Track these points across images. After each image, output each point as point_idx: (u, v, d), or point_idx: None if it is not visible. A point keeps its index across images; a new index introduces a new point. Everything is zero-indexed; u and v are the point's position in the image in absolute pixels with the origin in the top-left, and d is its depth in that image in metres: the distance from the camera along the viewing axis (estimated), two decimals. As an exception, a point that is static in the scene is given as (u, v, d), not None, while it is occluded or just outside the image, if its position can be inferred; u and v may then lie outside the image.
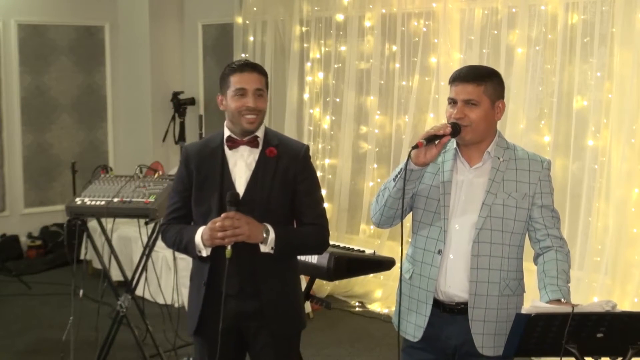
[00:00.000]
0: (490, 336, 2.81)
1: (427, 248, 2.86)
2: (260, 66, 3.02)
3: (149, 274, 5.11)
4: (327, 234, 3.09)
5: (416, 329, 2.89)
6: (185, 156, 3.06)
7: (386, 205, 2.86)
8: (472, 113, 2.77)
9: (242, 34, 7.27)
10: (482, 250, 2.80)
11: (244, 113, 2.92)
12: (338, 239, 6.16)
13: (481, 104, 2.79)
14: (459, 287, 2.82)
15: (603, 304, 2.56)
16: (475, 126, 2.79)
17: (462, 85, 2.79)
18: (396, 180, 2.79)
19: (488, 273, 2.81)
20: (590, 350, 2.61)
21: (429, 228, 2.86)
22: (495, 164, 2.84)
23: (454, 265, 2.82)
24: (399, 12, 6.13)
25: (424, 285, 2.86)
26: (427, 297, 2.85)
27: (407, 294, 2.92)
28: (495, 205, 2.80)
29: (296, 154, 3.03)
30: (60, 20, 7.79)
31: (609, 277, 4.92)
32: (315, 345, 5.31)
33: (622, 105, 4.88)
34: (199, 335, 3.05)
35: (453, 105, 2.81)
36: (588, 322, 2.55)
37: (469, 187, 2.84)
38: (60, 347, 4.85)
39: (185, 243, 2.97)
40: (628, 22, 4.83)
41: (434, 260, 2.83)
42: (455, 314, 2.84)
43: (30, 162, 7.75)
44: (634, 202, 4.89)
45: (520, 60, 5.34)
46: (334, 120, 6.68)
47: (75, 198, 4.56)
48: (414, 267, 2.91)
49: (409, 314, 2.92)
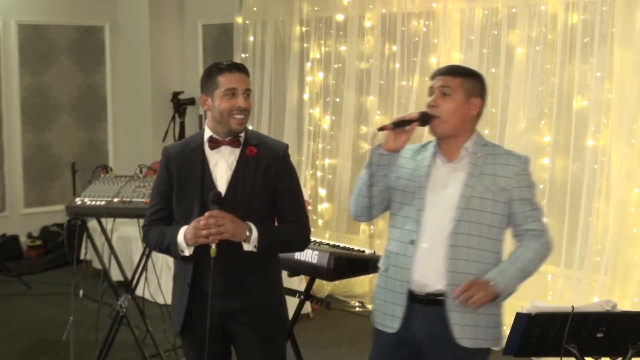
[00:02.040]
0: (470, 327, 2.82)
1: (401, 239, 2.91)
2: (246, 67, 3.04)
3: (149, 274, 5.11)
4: (309, 231, 3.12)
5: (393, 319, 2.91)
6: (166, 157, 3.07)
7: (359, 194, 2.91)
8: (445, 103, 2.84)
9: (242, 34, 7.27)
10: (460, 241, 2.82)
11: (234, 113, 2.93)
12: (338, 239, 6.17)
13: (455, 95, 2.84)
14: (434, 277, 2.84)
15: (603, 304, 2.56)
16: (445, 118, 2.84)
17: (441, 76, 2.89)
18: (368, 166, 2.85)
19: (466, 264, 2.82)
20: (590, 350, 2.62)
21: (404, 220, 2.91)
22: (473, 159, 2.88)
23: (427, 255, 2.85)
24: (399, 12, 6.12)
25: (398, 276, 2.89)
26: (401, 287, 2.88)
27: (384, 286, 2.96)
28: (473, 198, 2.83)
29: (276, 153, 3.05)
30: (60, 20, 7.79)
31: (609, 277, 4.92)
32: (315, 345, 5.31)
33: (622, 105, 4.88)
34: (185, 335, 3.07)
35: (429, 94, 2.90)
36: (588, 322, 2.55)
37: (447, 181, 2.89)
38: (60, 347, 4.86)
39: (167, 243, 2.99)
40: (628, 22, 4.83)
41: (406, 250, 2.87)
42: (426, 305, 2.86)
43: (30, 162, 7.75)
44: (634, 202, 4.89)
45: (520, 60, 5.34)
46: (334, 120, 6.68)
47: (75, 198, 4.55)
48: (389, 259, 2.95)
49: (386, 306, 2.94)
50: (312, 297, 4.16)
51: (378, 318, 2.99)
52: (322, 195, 6.77)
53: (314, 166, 6.85)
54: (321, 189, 6.77)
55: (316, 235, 5.77)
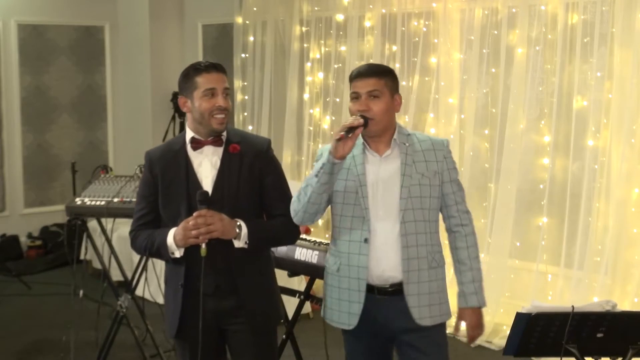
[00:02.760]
0: (426, 307, 2.97)
1: (352, 239, 2.98)
2: (223, 67, 3.04)
3: (149, 274, 5.11)
4: (298, 225, 3.13)
5: (350, 316, 3.01)
6: (149, 161, 3.08)
7: (309, 202, 2.94)
8: (375, 105, 2.93)
9: (242, 34, 7.27)
10: (408, 229, 2.95)
11: (215, 113, 2.94)
12: (338, 239, 6.16)
13: (383, 96, 2.95)
14: (392, 268, 2.95)
15: (603, 304, 2.57)
16: (379, 118, 2.94)
17: (364, 80, 2.96)
18: (319, 176, 2.89)
19: (417, 250, 2.96)
20: (590, 350, 2.62)
21: (351, 220, 2.98)
22: (402, 150, 3.00)
23: (383, 249, 2.95)
24: (399, 12, 6.12)
25: (354, 274, 2.97)
26: (359, 284, 2.97)
27: (337, 285, 3.05)
28: (413, 186, 2.96)
29: (259, 149, 3.06)
30: (60, 20, 7.79)
31: (609, 277, 4.92)
32: (315, 345, 5.30)
33: (622, 105, 4.88)
34: (180, 338, 3.07)
35: (355, 100, 2.96)
36: (588, 322, 2.55)
37: (383, 175, 2.99)
38: (60, 347, 4.86)
39: (157, 246, 2.98)
40: (628, 22, 4.84)
41: (362, 249, 2.95)
42: (391, 295, 2.97)
43: (30, 162, 7.75)
44: (634, 202, 4.89)
45: (520, 60, 5.34)
46: (334, 120, 6.68)
47: (75, 198, 4.56)
48: (340, 259, 3.02)
49: (341, 304, 3.04)
50: (312, 297, 4.16)
51: (334, 316, 3.10)
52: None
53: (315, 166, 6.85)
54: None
55: (316, 235, 5.77)
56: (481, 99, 5.69)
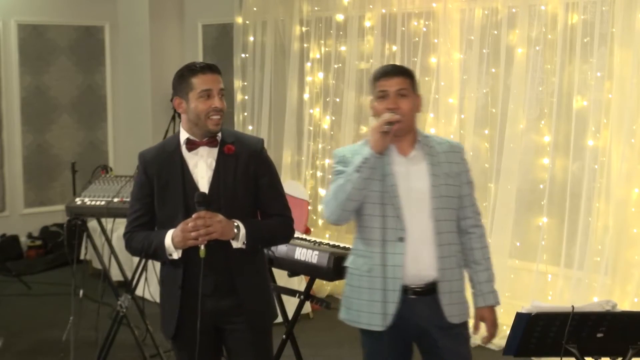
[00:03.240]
0: (455, 305, 3.03)
1: (385, 238, 2.96)
2: (218, 67, 3.04)
3: (149, 274, 5.11)
4: (293, 223, 3.15)
5: (385, 317, 2.97)
6: (143, 162, 3.07)
7: (348, 199, 2.93)
8: (404, 104, 2.98)
9: (242, 34, 7.26)
10: (441, 228, 3.00)
11: (211, 114, 2.94)
12: (338, 239, 6.15)
13: (409, 95, 3.01)
14: (427, 267, 2.98)
15: (603, 304, 2.57)
16: (407, 117, 2.99)
17: (392, 78, 3.00)
18: (361, 170, 2.89)
19: (448, 248, 3.02)
20: (590, 350, 2.62)
21: (383, 219, 2.96)
22: (426, 150, 3.05)
23: (418, 248, 2.97)
24: (399, 12, 6.12)
25: (390, 274, 2.96)
26: (394, 284, 2.96)
27: (367, 287, 3.01)
28: (441, 186, 3.01)
29: (254, 149, 3.06)
30: (60, 20, 7.79)
31: (609, 277, 4.92)
32: (315, 345, 5.31)
33: (622, 105, 4.88)
34: (177, 339, 3.07)
35: (382, 99, 2.99)
36: (588, 322, 2.55)
37: (410, 176, 3.01)
38: (60, 347, 4.86)
39: (154, 248, 2.98)
40: (628, 22, 4.83)
41: (397, 248, 2.95)
42: (422, 295, 2.99)
43: (30, 162, 7.75)
44: (634, 202, 4.89)
45: (520, 60, 5.34)
46: (334, 120, 6.68)
47: (75, 198, 4.56)
48: (372, 259, 3.00)
49: (372, 305, 2.99)
50: (312, 297, 4.16)
51: (363, 319, 3.04)
52: (322, 195, 6.76)
53: (314, 166, 6.85)
54: (321, 189, 6.77)
55: (316, 235, 5.77)
56: (481, 99, 5.69)
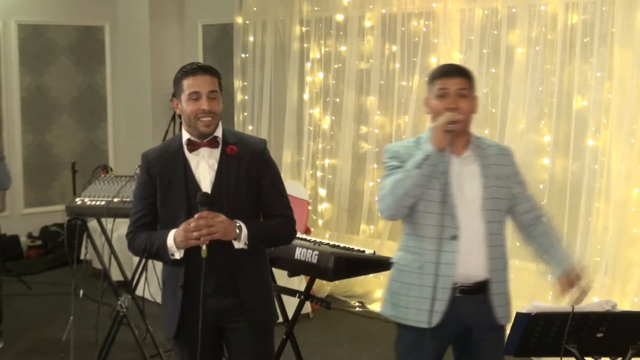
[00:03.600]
0: (504, 307, 3.05)
1: (438, 236, 2.96)
2: (213, 68, 3.04)
3: (149, 274, 5.11)
4: (295, 224, 3.15)
5: (433, 314, 2.97)
6: (146, 163, 3.08)
7: (407, 194, 2.94)
8: (464, 104, 2.98)
9: (242, 34, 7.26)
10: (491, 229, 3.00)
11: (199, 116, 2.95)
12: (338, 239, 6.16)
13: (469, 96, 3.01)
14: (478, 267, 2.99)
15: (603, 304, 2.57)
16: (466, 117, 2.99)
17: (454, 78, 3.00)
18: (422, 167, 2.90)
19: (498, 249, 3.03)
20: (590, 350, 2.62)
21: (437, 216, 2.97)
22: (477, 152, 3.06)
23: (470, 248, 2.98)
24: (399, 12, 6.13)
25: (441, 271, 2.96)
26: (445, 282, 2.96)
27: (417, 283, 3.01)
28: (492, 187, 3.02)
29: (256, 149, 3.07)
30: (60, 20, 7.79)
31: (609, 277, 4.92)
32: (315, 345, 5.31)
33: (622, 105, 4.88)
34: (178, 339, 3.08)
35: (442, 98, 2.98)
36: (588, 322, 2.55)
37: (463, 176, 3.02)
38: (60, 347, 4.86)
39: (156, 248, 2.99)
40: (628, 22, 4.84)
41: (450, 246, 2.96)
42: (470, 294, 2.99)
43: (30, 162, 7.75)
44: (634, 202, 4.89)
45: (520, 60, 5.34)
46: (334, 120, 6.68)
47: (75, 198, 4.55)
48: (422, 256, 3.01)
49: (421, 302, 3.00)
50: (312, 297, 4.16)
51: (411, 315, 3.04)
52: (322, 195, 6.77)
53: (314, 166, 6.86)
54: (321, 189, 6.77)
55: (316, 235, 5.77)
56: (481, 99, 5.65)
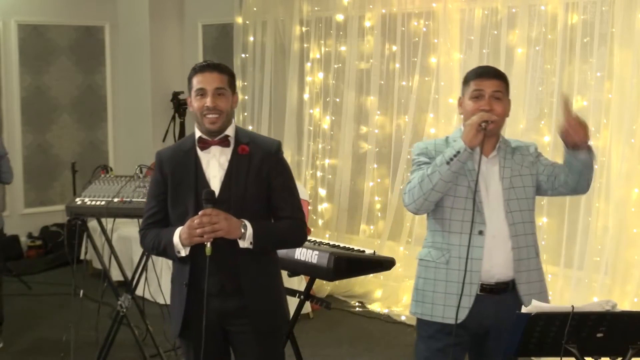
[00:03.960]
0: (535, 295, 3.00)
1: (464, 231, 3.01)
2: (223, 66, 3.04)
3: (149, 274, 5.11)
4: (305, 227, 3.14)
5: (460, 310, 2.98)
6: (159, 161, 3.09)
7: (434, 189, 2.98)
8: (498, 106, 3.03)
9: (242, 34, 7.27)
10: (517, 230, 3.03)
11: (205, 113, 2.96)
12: (338, 239, 6.17)
13: (504, 98, 3.06)
14: (501, 265, 3.01)
15: (603, 304, 2.56)
16: (500, 119, 3.05)
17: (490, 80, 3.05)
18: (452, 163, 2.94)
19: (525, 250, 3.05)
20: (590, 350, 2.61)
21: (463, 212, 3.03)
22: (502, 154, 3.13)
23: (495, 245, 3.01)
24: (399, 12, 6.13)
25: (469, 266, 2.98)
26: (472, 277, 2.99)
27: (444, 279, 3.05)
28: (513, 177, 3.07)
29: (268, 150, 3.05)
30: (60, 20, 7.79)
31: (609, 277, 4.92)
32: (315, 345, 5.31)
33: (622, 105, 4.88)
34: (184, 337, 3.08)
35: (477, 99, 3.03)
36: (588, 322, 2.55)
37: (489, 175, 3.08)
38: (60, 347, 4.85)
39: (163, 245, 3.00)
40: (628, 22, 4.84)
41: (476, 241, 2.99)
42: (491, 294, 3.01)
43: (30, 162, 7.75)
44: (634, 202, 4.89)
45: (520, 60, 5.34)
46: (334, 120, 6.68)
47: (75, 198, 4.55)
48: (449, 252, 3.05)
49: (448, 298, 3.02)
50: (312, 297, 4.15)
51: (437, 311, 3.06)
52: (322, 195, 6.77)
53: (314, 166, 6.86)
54: (321, 189, 6.77)
55: (316, 235, 5.78)
56: (481, 99, 5.68)
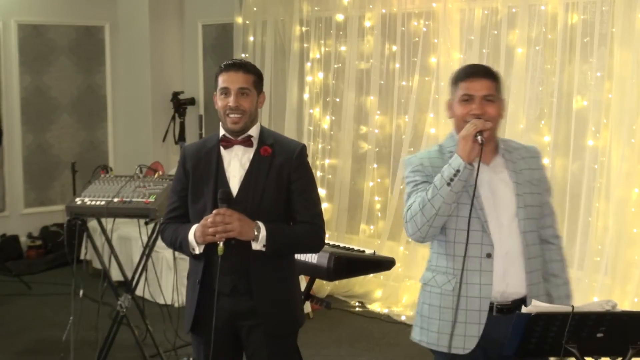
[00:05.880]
0: None
1: (470, 254, 2.78)
2: (250, 65, 3.04)
3: (149, 274, 5.11)
4: (323, 234, 3.07)
5: (467, 340, 2.79)
6: (183, 156, 3.10)
7: (438, 214, 2.73)
8: (491, 109, 2.78)
9: (242, 34, 7.26)
10: (529, 240, 2.83)
11: (227, 113, 2.95)
12: (338, 239, 6.16)
13: (497, 100, 2.81)
14: (516, 283, 2.82)
15: (603, 304, 2.56)
16: (494, 122, 2.80)
17: (479, 81, 2.79)
18: (452, 184, 2.70)
19: (536, 261, 2.87)
20: (590, 350, 2.61)
21: (470, 234, 2.77)
22: (507, 157, 2.88)
23: (507, 264, 2.80)
24: (399, 12, 6.13)
25: (475, 293, 2.78)
26: (481, 304, 2.79)
27: (451, 306, 2.81)
28: (525, 194, 2.84)
29: (291, 153, 3.02)
30: (60, 20, 7.79)
31: (609, 277, 4.92)
32: (315, 345, 5.31)
33: (622, 105, 4.88)
34: (195, 334, 3.07)
35: (466, 102, 2.79)
36: (588, 322, 2.55)
37: (493, 184, 2.84)
38: (60, 347, 4.86)
39: (180, 241, 3.00)
40: (628, 22, 4.84)
41: (484, 265, 2.78)
42: (507, 313, 2.79)
43: (30, 162, 7.75)
44: (634, 202, 4.89)
45: (520, 60, 5.34)
46: (334, 120, 6.68)
47: (75, 198, 4.55)
48: (455, 277, 2.81)
49: (456, 327, 2.79)
50: (312, 297, 4.15)
51: (444, 341, 2.81)
52: (322, 195, 6.77)
53: (314, 166, 6.85)
54: (321, 189, 6.77)
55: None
56: (481, 99, 5.68)
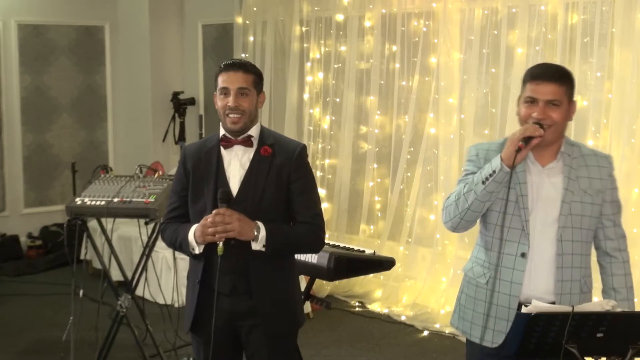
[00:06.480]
0: None
1: (506, 252, 2.82)
2: (250, 65, 3.03)
3: (149, 274, 5.11)
4: (323, 234, 3.07)
5: (497, 334, 2.84)
6: (184, 156, 3.10)
7: (470, 209, 2.78)
8: (554, 113, 2.74)
9: (242, 34, 7.27)
10: (565, 248, 2.81)
11: (227, 112, 2.95)
12: (338, 239, 6.17)
13: (562, 104, 2.76)
14: (543, 289, 2.82)
15: (603, 304, 2.56)
16: (556, 127, 2.76)
17: (546, 84, 2.74)
18: (487, 183, 2.72)
19: (571, 271, 2.83)
20: (590, 350, 2.61)
21: (508, 231, 2.81)
22: (567, 162, 2.83)
23: (538, 267, 2.81)
24: (399, 12, 6.13)
25: (506, 290, 2.82)
26: (510, 302, 2.82)
27: (487, 300, 2.86)
28: (574, 202, 2.80)
29: (291, 153, 3.02)
30: (60, 20, 7.79)
31: (609, 277, 4.91)
32: (315, 345, 5.31)
33: (622, 105, 4.88)
34: (195, 334, 3.08)
35: (531, 104, 2.77)
36: (588, 322, 2.55)
37: (544, 187, 2.82)
38: (60, 347, 4.86)
39: (180, 241, 3.00)
40: (628, 22, 4.84)
41: (518, 264, 2.81)
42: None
43: (30, 162, 7.75)
44: (634, 202, 4.89)
45: (520, 60, 5.34)
46: (334, 120, 6.68)
47: (75, 198, 4.55)
48: (490, 271, 2.86)
49: (488, 320, 2.84)
50: (312, 297, 4.15)
51: (476, 332, 2.90)
52: (322, 195, 6.77)
53: (314, 166, 6.85)
54: (321, 189, 6.77)
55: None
56: (481, 99, 5.69)
